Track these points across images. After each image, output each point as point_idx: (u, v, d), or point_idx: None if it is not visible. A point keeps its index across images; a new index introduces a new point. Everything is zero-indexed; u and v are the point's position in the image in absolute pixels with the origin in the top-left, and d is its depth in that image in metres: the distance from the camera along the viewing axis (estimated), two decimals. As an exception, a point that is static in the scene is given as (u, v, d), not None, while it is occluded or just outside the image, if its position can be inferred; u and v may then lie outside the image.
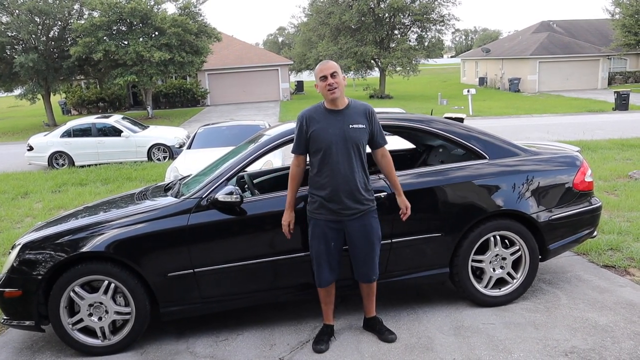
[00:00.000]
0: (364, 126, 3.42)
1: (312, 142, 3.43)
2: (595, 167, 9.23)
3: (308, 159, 3.57)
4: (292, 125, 4.10)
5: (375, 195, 3.63)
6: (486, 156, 4.11)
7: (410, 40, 32.64)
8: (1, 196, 9.69)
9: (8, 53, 22.70)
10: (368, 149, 3.55)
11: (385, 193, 3.75)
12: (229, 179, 3.79)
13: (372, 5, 31.05)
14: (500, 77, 37.40)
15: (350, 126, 3.38)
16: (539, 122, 18.39)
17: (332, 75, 3.35)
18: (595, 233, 4.51)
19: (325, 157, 3.39)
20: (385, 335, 3.66)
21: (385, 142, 3.55)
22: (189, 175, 4.75)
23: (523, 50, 35.59)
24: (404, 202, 3.61)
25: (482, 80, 39.86)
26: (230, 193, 3.58)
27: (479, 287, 4.05)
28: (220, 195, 3.59)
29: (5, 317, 3.79)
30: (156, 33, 23.26)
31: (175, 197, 3.90)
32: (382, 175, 3.83)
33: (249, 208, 3.72)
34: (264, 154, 3.85)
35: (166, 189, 4.35)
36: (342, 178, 3.37)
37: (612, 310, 3.93)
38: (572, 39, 36.39)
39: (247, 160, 3.83)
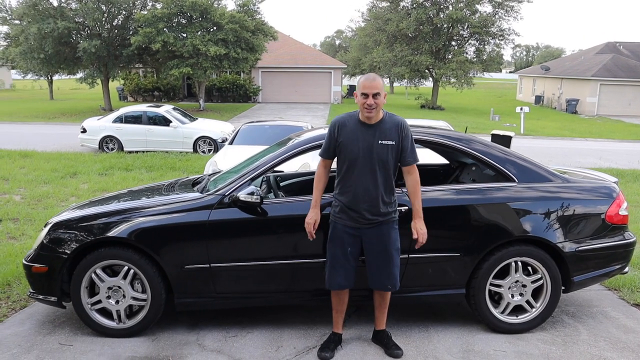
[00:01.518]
0: (394, 143, 3.40)
1: (340, 151, 3.46)
2: (646, 199, 8.84)
3: (334, 164, 3.60)
4: (322, 131, 4.13)
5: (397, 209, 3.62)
6: (515, 180, 4.01)
7: (467, 53, 32.10)
8: (52, 174, 10.15)
9: (73, 38, 23.74)
10: None
11: (407, 207, 3.72)
12: (253, 179, 3.86)
13: (431, 15, 30.72)
14: (557, 96, 36.27)
15: (380, 142, 3.37)
16: (593, 147, 17.74)
17: (374, 95, 3.32)
18: (626, 269, 4.32)
19: (350, 167, 3.41)
20: (392, 350, 3.63)
21: (416, 160, 3.49)
22: (218, 172, 4.85)
23: (584, 71, 34.38)
24: (418, 229, 3.49)
25: (539, 99, 38.76)
26: (252, 193, 3.64)
27: (495, 312, 3.96)
28: (242, 195, 3.66)
29: (31, 291, 3.98)
30: (214, 28, 23.81)
31: (201, 192, 4.00)
32: (405, 190, 3.80)
33: (269, 209, 3.77)
34: (289, 158, 3.89)
35: (194, 184, 4.46)
36: (364, 191, 3.38)
37: (635, 352, 3.75)
38: (638, 63, 34.87)
39: (272, 163, 3.88)
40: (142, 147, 13.97)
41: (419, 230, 3.49)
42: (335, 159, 3.56)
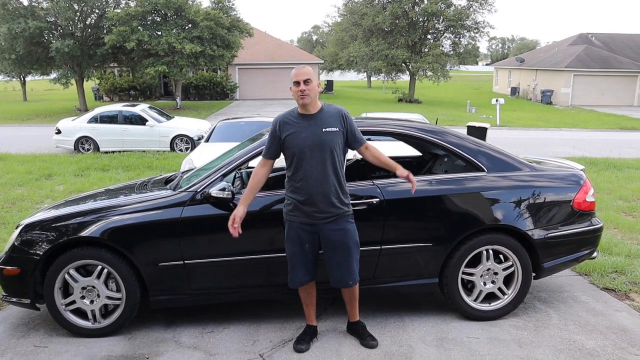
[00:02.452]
0: (338, 129, 3.43)
1: (285, 147, 3.46)
2: (618, 186, 9.04)
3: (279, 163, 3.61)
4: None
5: (367, 200, 3.71)
6: (485, 169, 4.08)
7: (442, 46, 32.36)
8: (26, 176, 10.00)
9: (46, 38, 23.30)
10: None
11: (377, 199, 3.77)
12: (224, 175, 3.87)
13: (407, 9, 30.88)
14: (532, 88, 36.78)
15: (324, 130, 3.40)
16: (567, 137, 18.04)
17: (305, 82, 3.37)
18: (595, 254, 4.43)
19: (299, 161, 3.41)
20: (367, 341, 3.67)
21: (364, 141, 3.55)
22: (191, 169, 4.84)
23: (558, 62, 34.91)
24: (403, 173, 3.53)
25: (514, 90, 39.25)
26: (223, 189, 3.66)
27: (468, 300, 4.04)
28: (214, 191, 3.67)
29: (4, 294, 3.94)
30: (189, 25, 23.60)
31: (173, 189, 3.99)
32: (376, 182, 3.86)
33: (242, 205, 3.77)
34: (260, 153, 3.89)
35: (167, 182, 4.45)
36: (316, 182, 3.38)
37: (603, 334, 3.86)
38: (610, 53, 35.51)
39: (243, 158, 3.90)
40: (118, 147, 13.81)
41: (403, 174, 3.53)
42: (284, 159, 3.55)
